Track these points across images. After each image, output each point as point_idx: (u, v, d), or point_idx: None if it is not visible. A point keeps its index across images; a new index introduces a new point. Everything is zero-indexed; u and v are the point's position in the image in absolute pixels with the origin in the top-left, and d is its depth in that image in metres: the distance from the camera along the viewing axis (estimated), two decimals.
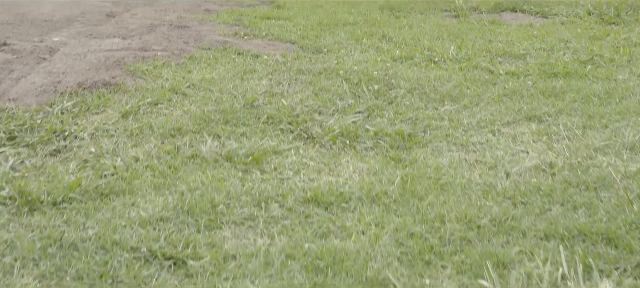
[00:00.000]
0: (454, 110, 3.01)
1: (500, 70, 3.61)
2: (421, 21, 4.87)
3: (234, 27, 4.45)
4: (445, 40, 4.32)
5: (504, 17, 5.18)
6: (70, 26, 4.30)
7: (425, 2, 5.55)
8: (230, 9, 4.91)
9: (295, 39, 4.22)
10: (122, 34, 4.13)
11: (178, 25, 4.37)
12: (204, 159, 2.46)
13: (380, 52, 4.00)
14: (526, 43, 4.19)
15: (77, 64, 3.49)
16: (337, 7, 5.29)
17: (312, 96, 3.17)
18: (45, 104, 2.99)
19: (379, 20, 4.85)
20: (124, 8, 4.72)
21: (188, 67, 3.55)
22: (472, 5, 5.44)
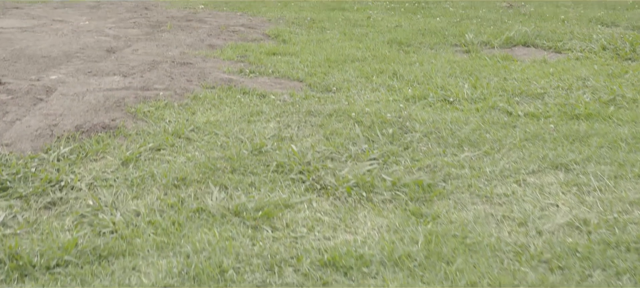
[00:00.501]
0: (475, 156, 2.84)
1: (518, 111, 3.45)
2: (432, 57, 4.72)
3: (239, 64, 4.29)
4: (459, 77, 4.15)
5: (516, 53, 5.03)
6: (68, 63, 4.13)
7: (434, 37, 5.40)
8: (235, 44, 4.75)
9: (303, 77, 4.06)
10: (123, 71, 3.96)
11: (181, 62, 4.21)
12: (210, 214, 2.28)
13: (392, 91, 3.84)
14: (543, 81, 4.03)
15: (75, 105, 3.32)
16: (343, 42, 5.13)
17: (323, 140, 2.99)
18: (40, 150, 2.81)
19: (388, 56, 4.69)
20: (125, 43, 4.56)
21: (192, 108, 3.38)
22: (483, 39, 5.28)
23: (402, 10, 6.67)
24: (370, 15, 6.32)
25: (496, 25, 5.94)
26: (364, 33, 5.52)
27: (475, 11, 6.67)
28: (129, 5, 6.31)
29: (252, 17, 5.94)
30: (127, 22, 5.40)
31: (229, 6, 6.55)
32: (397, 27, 5.77)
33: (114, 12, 5.88)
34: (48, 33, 4.96)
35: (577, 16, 6.35)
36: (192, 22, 5.54)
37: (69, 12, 5.87)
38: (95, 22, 5.39)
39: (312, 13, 6.33)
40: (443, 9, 6.79)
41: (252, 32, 5.33)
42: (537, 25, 5.86)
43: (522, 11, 6.66)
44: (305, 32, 5.49)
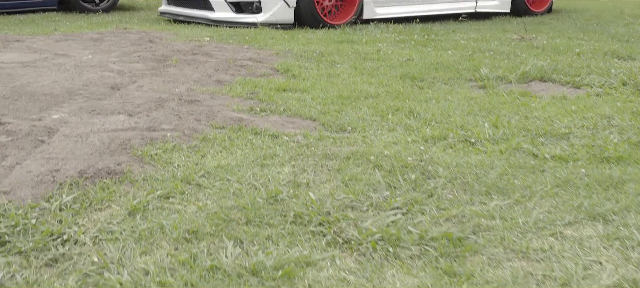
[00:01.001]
0: (505, 206, 2.66)
1: (545, 154, 3.27)
2: (447, 93, 4.55)
3: (249, 102, 4.12)
4: (478, 115, 3.98)
5: (533, 88, 4.86)
6: (71, 100, 3.96)
7: (447, 71, 5.24)
8: (243, 80, 4.58)
9: (316, 115, 3.89)
10: (128, 110, 3.79)
11: (188, 100, 4.04)
12: (225, 273, 2.10)
13: (410, 130, 3.67)
14: (566, 120, 3.86)
15: (79, 148, 3.15)
16: (355, 77, 4.97)
17: (341, 187, 2.82)
18: (41, 198, 2.63)
19: (402, 92, 4.53)
20: (130, 79, 4.40)
21: (201, 150, 3.21)
22: (498, 74, 5.12)
23: (412, 43, 6.53)
24: (380, 48, 6.17)
25: (510, 58, 5.78)
26: (375, 67, 5.36)
27: (487, 44, 6.52)
28: (133, 37, 6.16)
29: (260, 51, 5.79)
30: (132, 56, 5.24)
31: (236, 39, 6.40)
32: (408, 61, 5.61)
33: (117, 45, 5.73)
34: (50, 68, 4.80)
35: (591, 49, 6.20)
36: (198, 55, 5.39)
37: (72, 45, 5.71)
38: (98, 56, 5.23)
39: (320, 46, 6.18)
40: (454, 42, 6.64)
41: (260, 66, 5.18)
42: (553, 59, 5.70)
43: (535, 44, 6.51)
44: (315, 66, 5.33)
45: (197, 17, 8.00)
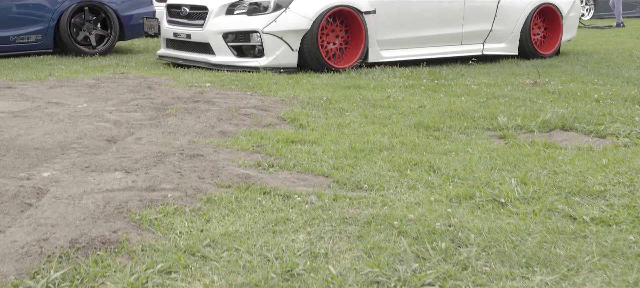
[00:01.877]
0: (552, 281, 2.35)
1: (583, 216, 2.98)
2: (466, 144, 4.27)
3: (255, 155, 3.83)
4: (503, 170, 3.69)
5: (555, 138, 4.58)
6: (64, 155, 3.66)
7: (463, 120, 4.96)
8: (248, 131, 4.30)
9: (328, 171, 3.60)
10: (125, 166, 3.49)
11: (190, 154, 3.74)
12: None
13: (432, 188, 3.37)
14: (599, 176, 3.57)
15: (70, 212, 2.84)
16: (366, 126, 4.69)
17: (364, 258, 2.51)
18: (26, 274, 2.32)
19: (418, 144, 4.24)
20: (127, 131, 4.10)
21: (206, 214, 2.90)
22: (517, 123, 4.84)
23: (422, 88, 6.26)
24: (389, 94, 5.90)
25: (526, 105, 5.51)
26: (386, 115, 5.08)
27: (500, 89, 6.26)
28: (130, 83, 5.89)
29: (264, 97, 5.51)
30: (129, 105, 4.96)
31: (238, 85, 6.14)
32: (420, 108, 5.34)
33: (114, 91, 5.45)
34: (42, 119, 4.51)
35: (610, 95, 5.94)
36: (199, 103, 5.11)
37: (66, 92, 5.43)
38: (94, 105, 4.95)
39: (326, 92, 5.91)
40: (465, 87, 6.38)
41: (265, 115, 4.90)
42: (572, 107, 5.43)
43: (550, 89, 6.25)
44: (322, 114, 5.05)
45: (197, 60, 7.74)
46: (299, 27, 7.38)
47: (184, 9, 7.93)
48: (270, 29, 7.34)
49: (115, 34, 9.39)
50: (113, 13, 9.34)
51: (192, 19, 7.84)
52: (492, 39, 8.91)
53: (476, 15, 8.72)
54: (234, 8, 7.54)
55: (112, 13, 9.34)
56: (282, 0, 7.44)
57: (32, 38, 8.87)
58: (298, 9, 7.41)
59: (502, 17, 8.89)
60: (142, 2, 9.69)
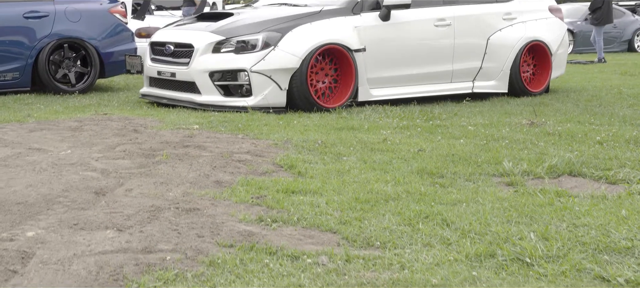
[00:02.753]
0: None
1: (616, 277, 2.77)
2: (474, 193, 4.06)
3: (256, 209, 3.58)
4: (520, 223, 3.48)
5: (565, 184, 4.39)
6: (49, 210, 3.39)
7: (466, 165, 4.76)
8: (245, 180, 4.05)
9: (335, 226, 3.36)
10: (117, 223, 3.23)
11: (186, 208, 3.49)
12: None
13: (448, 245, 3.15)
14: (623, 230, 3.37)
15: (60, 280, 2.57)
16: (367, 173, 4.47)
17: None
18: None
19: (424, 193, 4.02)
20: (116, 182, 3.84)
21: (210, 280, 2.65)
22: (523, 168, 4.65)
23: (418, 130, 6.06)
24: (385, 136, 5.69)
25: (529, 148, 5.33)
26: (386, 160, 4.86)
27: (497, 131, 6.08)
28: (115, 126, 5.63)
29: (256, 141, 5.27)
30: (116, 151, 4.69)
31: (227, 126, 5.90)
32: (420, 152, 5.13)
33: (99, 135, 5.18)
34: (23, 168, 4.23)
35: (611, 137, 5.78)
36: (189, 148, 4.86)
37: (48, 137, 5.15)
38: (79, 151, 4.68)
39: (320, 134, 5.70)
40: (462, 128, 6.20)
41: (260, 161, 4.65)
42: (575, 150, 5.26)
43: (549, 130, 6.08)
44: (319, 159, 4.83)
45: (183, 100, 7.49)
46: (288, 66, 7.17)
47: (168, 46, 7.69)
48: (258, 68, 7.12)
49: (95, 71, 9.11)
50: (93, 50, 9.07)
51: (177, 57, 7.60)
52: (482, 77, 8.76)
53: (466, 53, 8.57)
54: (221, 46, 7.31)
55: (93, 50, 9.07)
56: (271, 38, 7.23)
57: (9, 76, 8.57)
58: (287, 47, 7.21)
59: (492, 55, 8.75)
60: (123, 39, 9.43)
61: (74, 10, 9.02)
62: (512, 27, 8.96)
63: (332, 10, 7.69)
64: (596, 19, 15.67)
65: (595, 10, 15.65)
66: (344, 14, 7.70)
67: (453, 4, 8.55)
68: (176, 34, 7.81)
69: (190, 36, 7.53)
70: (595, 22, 15.68)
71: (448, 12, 8.46)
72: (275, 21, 7.44)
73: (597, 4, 15.62)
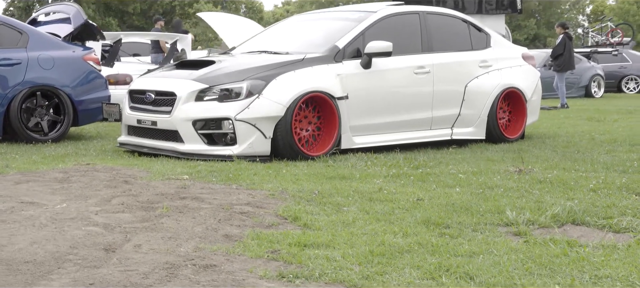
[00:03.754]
0: None
1: None
2: (487, 244, 4.02)
3: (273, 264, 3.48)
4: (542, 276, 3.45)
5: (571, 233, 4.39)
6: (61, 270, 3.24)
7: (469, 215, 4.73)
8: (254, 234, 3.95)
9: (359, 282, 3.29)
10: (135, 282, 3.10)
11: (203, 265, 3.37)
12: None
13: None
14: None
15: None
16: (372, 224, 4.41)
17: None
18: None
19: (436, 245, 3.97)
20: (123, 237, 3.71)
21: None
22: (526, 218, 4.64)
23: (411, 178, 6.04)
24: (380, 186, 5.65)
25: (524, 196, 5.34)
26: (387, 210, 4.81)
27: (488, 178, 6.09)
28: (103, 177, 5.48)
29: (252, 192, 5.18)
30: (113, 204, 4.55)
31: (217, 177, 5.80)
32: (419, 202, 5.10)
33: (90, 187, 5.03)
34: (22, 223, 4.06)
35: (602, 184, 5.83)
36: (187, 200, 4.74)
37: (36, 189, 4.98)
38: (74, 205, 4.52)
39: (313, 184, 5.63)
40: (452, 176, 6.19)
41: (263, 213, 4.56)
42: (575, 198, 5.28)
43: (539, 178, 6.11)
44: (321, 210, 4.75)
45: (164, 149, 7.35)
46: (272, 114, 7.10)
47: (149, 95, 7.56)
48: (243, 116, 7.04)
49: (69, 119, 8.91)
50: (67, 98, 8.89)
51: (158, 105, 7.47)
52: (460, 124, 8.81)
53: (445, 100, 8.62)
54: (204, 94, 7.22)
55: (66, 98, 8.88)
56: (255, 86, 7.17)
57: None
58: (271, 95, 7.15)
59: (470, 102, 8.82)
60: (97, 87, 9.27)
61: (47, 58, 8.84)
62: (488, 74, 9.06)
63: (314, 58, 7.67)
64: (558, 65, 15.97)
65: (558, 57, 15.96)
66: (327, 61, 7.69)
67: (431, 52, 8.62)
68: (156, 82, 7.69)
69: (172, 84, 7.42)
70: (557, 69, 15.98)
71: (427, 60, 8.52)
72: (258, 69, 7.39)
73: (559, 51, 15.93)
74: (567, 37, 16.02)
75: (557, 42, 16.12)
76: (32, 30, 9.01)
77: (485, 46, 9.29)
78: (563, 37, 15.93)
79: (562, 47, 15.89)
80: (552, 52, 16.28)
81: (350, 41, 7.94)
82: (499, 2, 10.02)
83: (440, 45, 8.76)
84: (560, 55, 15.86)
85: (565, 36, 15.97)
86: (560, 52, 15.86)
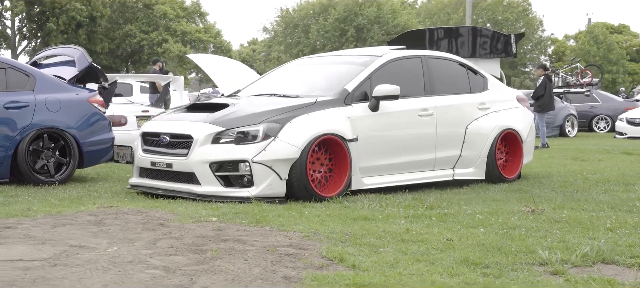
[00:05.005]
0: None
1: None
2: (532, 285, 4.22)
3: None
4: None
5: (605, 272, 4.60)
6: None
7: (503, 255, 4.92)
8: (312, 276, 4.11)
9: None
10: None
11: None
12: None
13: None
14: None
15: None
16: (416, 265, 4.58)
17: None
18: None
19: (485, 284, 4.16)
20: (188, 279, 3.84)
21: None
22: (558, 257, 4.84)
23: (433, 220, 6.23)
24: (407, 227, 5.82)
25: (549, 236, 5.55)
26: (423, 251, 4.98)
27: (507, 219, 6.30)
28: (136, 220, 5.58)
29: (287, 233, 5.32)
30: (162, 247, 4.65)
31: (242, 218, 5.93)
32: (449, 242, 5.28)
33: (129, 230, 5.12)
34: (84, 267, 4.14)
35: (618, 224, 6.07)
36: (229, 242, 4.87)
37: (76, 233, 5.06)
38: (125, 248, 4.61)
39: (340, 225, 5.80)
40: (470, 216, 6.39)
41: (308, 255, 4.71)
42: (593, 237, 5.50)
43: (554, 218, 6.34)
44: (360, 251, 4.91)
45: (180, 191, 7.45)
46: (288, 156, 7.26)
47: (164, 137, 7.67)
48: (260, 158, 7.18)
49: (74, 161, 8.96)
50: (73, 140, 8.94)
51: (174, 147, 7.58)
52: (461, 164, 9.05)
53: (447, 141, 8.86)
54: (220, 137, 7.36)
55: (72, 140, 8.93)
56: (271, 129, 7.33)
57: None
58: (287, 138, 7.31)
59: (470, 143, 9.07)
60: (101, 129, 9.33)
61: (54, 100, 8.90)
62: (487, 116, 9.33)
63: (326, 101, 7.86)
64: (540, 106, 16.39)
65: (539, 98, 16.38)
66: (337, 105, 7.88)
67: (434, 95, 8.87)
68: (170, 124, 7.81)
69: (188, 127, 7.54)
70: (538, 109, 16.39)
71: (430, 102, 8.76)
72: (272, 112, 7.55)
73: (540, 92, 16.36)
74: (548, 79, 16.47)
75: (538, 84, 16.56)
76: (39, 73, 9.07)
77: (483, 89, 9.59)
78: (544, 79, 16.38)
79: (542, 89, 16.32)
80: (534, 94, 16.71)
81: (358, 84, 8.16)
82: (493, 47, 10.33)
83: (442, 88, 9.02)
84: (541, 96, 16.29)
85: (545, 78, 16.43)
86: (541, 93, 16.29)
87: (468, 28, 10.58)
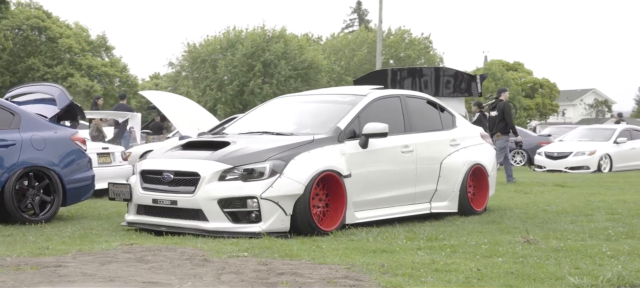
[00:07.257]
0: None
1: None
2: None
3: None
4: None
5: None
6: None
7: (536, 282, 5.35)
8: None
9: None
10: None
11: None
12: None
13: None
14: None
15: None
16: None
17: None
18: None
19: None
20: None
21: None
22: (586, 282, 5.31)
23: (448, 250, 6.63)
24: (432, 258, 6.20)
25: (562, 264, 6.02)
26: (462, 281, 5.36)
27: (512, 248, 6.76)
28: (175, 256, 5.74)
29: (330, 266, 5.60)
30: (231, 282, 4.85)
31: (273, 253, 6.17)
32: (479, 271, 5.67)
33: (178, 266, 5.29)
34: None
35: (615, 251, 6.62)
36: (286, 276, 5.12)
37: (132, 271, 5.19)
38: (199, 283, 4.79)
39: (365, 258, 6.15)
40: (476, 248, 6.83)
41: (366, 285, 5.00)
42: (604, 264, 6.01)
43: (553, 246, 6.85)
44: (410, 282, 5.24)
45: (186, 227, 7.59)
46: (293, 192, 7.54)
47: (167, 175, 7.80)
48: (267, 195, 7.44)
49: (59, 199, 8.92)
50: (57, 178, 8.91)
51: (178, 185, 7.72)
52: (437, 198, 9.54)
53: (425, 176, 9.34)
54: (227, 174, 7.57)
55: (56, 178, 8.91)
56: (277, 165, 7.59)
57: None
58: (292, 175, 7.59)
59: (445, 177, 9.58)
60: (82, 166, 9.35)
61: (40, 139, 8.87)
62: (458, 152, 9.88)
63: (322, 138, 8.20)
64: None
65: None
66: (332, 142, 8.23)
67: (412, 132, 9.34)
68: (173, 162, 7.94)
69: (194, 165, 7.71)
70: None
71: (410, 139, 9.24)
72: (276, 150, 7.81)
73: None
74: (482, 116, 17.31)
75: (474, 120, 17.36)
76: (23, 111, 9.01)
77: (453, 126, 10.14)
78: (479, 115, 17.22)
79: (478, 124, 17.12)
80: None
81: (349, 122, 8.54)
82: (457, 86, 10.92)
83: (419, 125, 9.52)
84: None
85: (480, 114, 17.27)
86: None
87: (431, 68, 11.13)
